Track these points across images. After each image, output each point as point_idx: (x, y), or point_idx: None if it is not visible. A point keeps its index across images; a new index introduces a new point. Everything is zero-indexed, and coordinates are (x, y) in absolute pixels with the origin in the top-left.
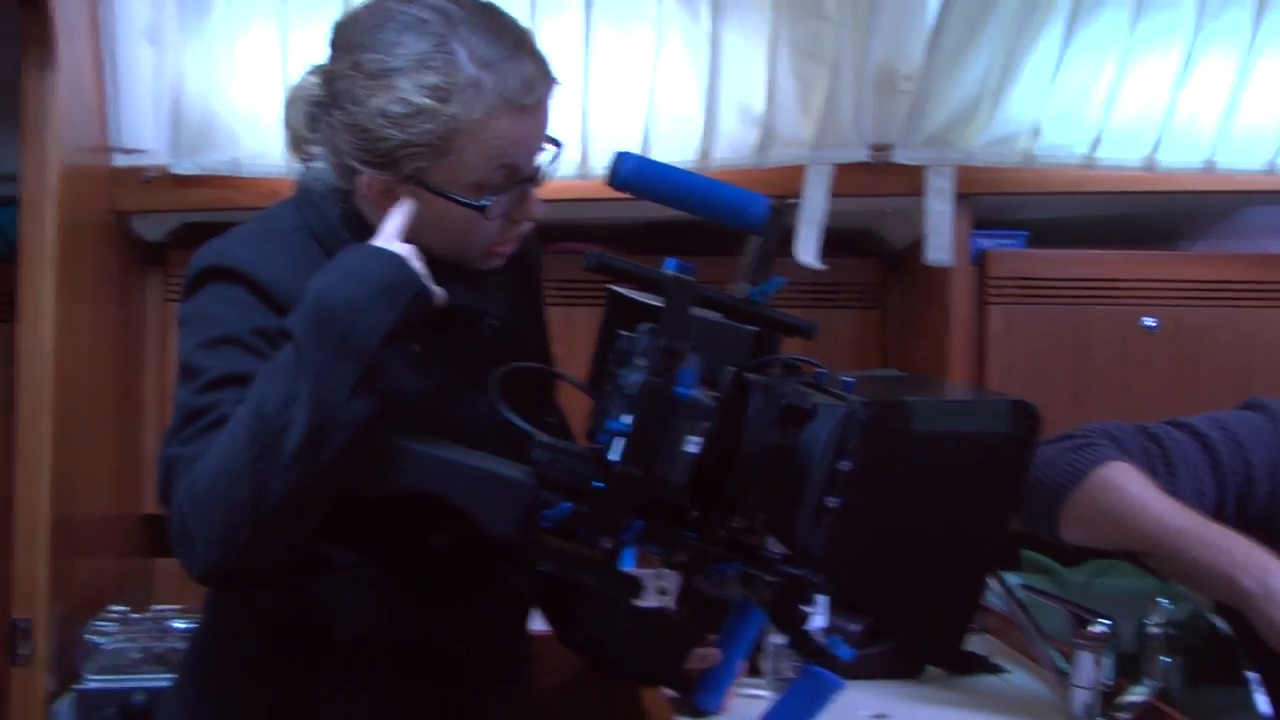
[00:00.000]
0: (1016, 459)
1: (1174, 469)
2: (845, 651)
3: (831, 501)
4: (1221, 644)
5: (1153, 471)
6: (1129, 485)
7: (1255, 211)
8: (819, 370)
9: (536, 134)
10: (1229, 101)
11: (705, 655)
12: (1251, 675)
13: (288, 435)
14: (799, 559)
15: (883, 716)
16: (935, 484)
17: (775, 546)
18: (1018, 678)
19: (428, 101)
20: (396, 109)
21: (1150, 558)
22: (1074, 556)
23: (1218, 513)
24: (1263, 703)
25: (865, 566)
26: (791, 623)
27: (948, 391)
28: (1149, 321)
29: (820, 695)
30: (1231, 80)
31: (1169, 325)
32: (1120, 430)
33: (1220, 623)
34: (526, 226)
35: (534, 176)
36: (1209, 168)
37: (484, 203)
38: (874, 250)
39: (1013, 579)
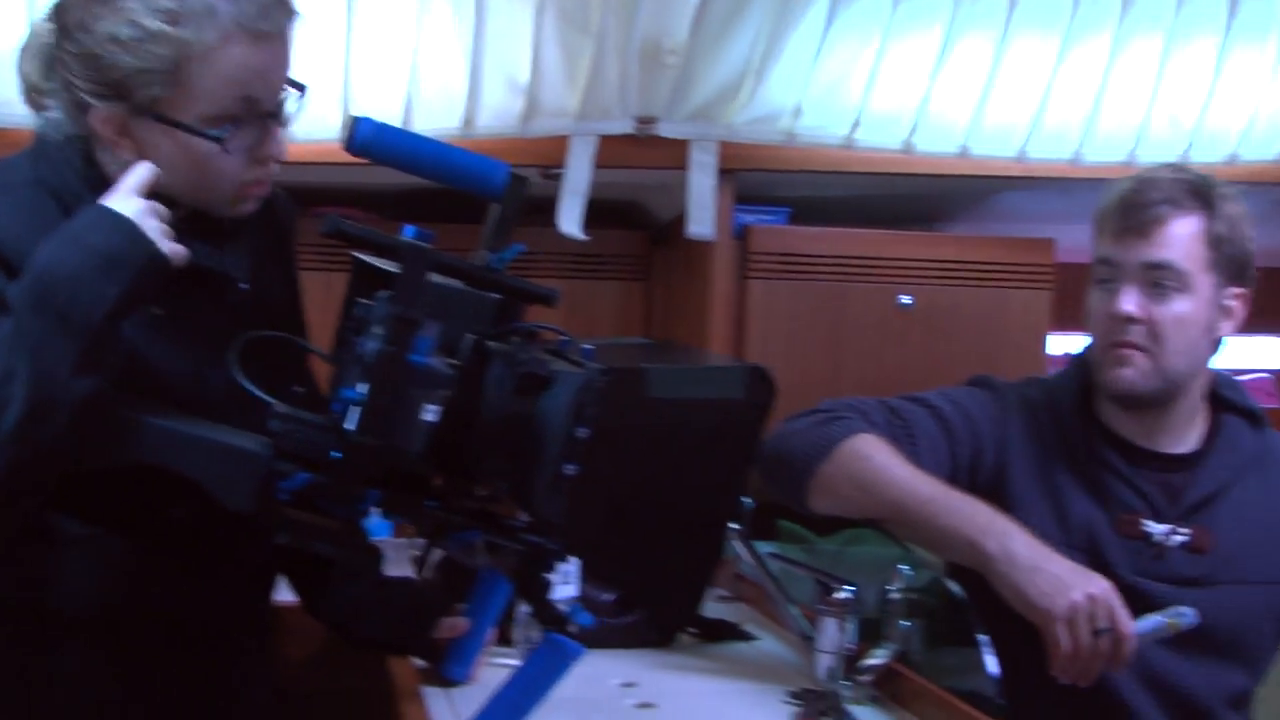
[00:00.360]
0: (752, 424)
1: (915, 440)
2: (585, 618)
3: (569, 469)
4: (956, 608)
5: (896, 442)
6: (876, 455)
7: (1007, 196)
8: (562, 338)
9: (276, 67)
10: (982, 90)
11: (453, 625)
12: (982, 638)
13: (5, 414)
14: (539, 527)
15: (632, 685)
16: (672, 449)
17: (524, 515)
18: (767, 644)
19: (159, 24)
20: (126, 32)
21: (895, 525)
22: (828, 526)
23: (952, 482)
24: (991, 663)
25: (604, 532)
26: (534, 591)
27: (687, 359)
28: (905, 299)
29: (560, 663)
30: (986, 69)
31: (923, 303)
32: (864, 405)
33: (955, 587)
34: (274, 168)
35: (276, 113)
36: (963, 153)
37: (220, 133)
38: (640, 223)
39: (765, 548)
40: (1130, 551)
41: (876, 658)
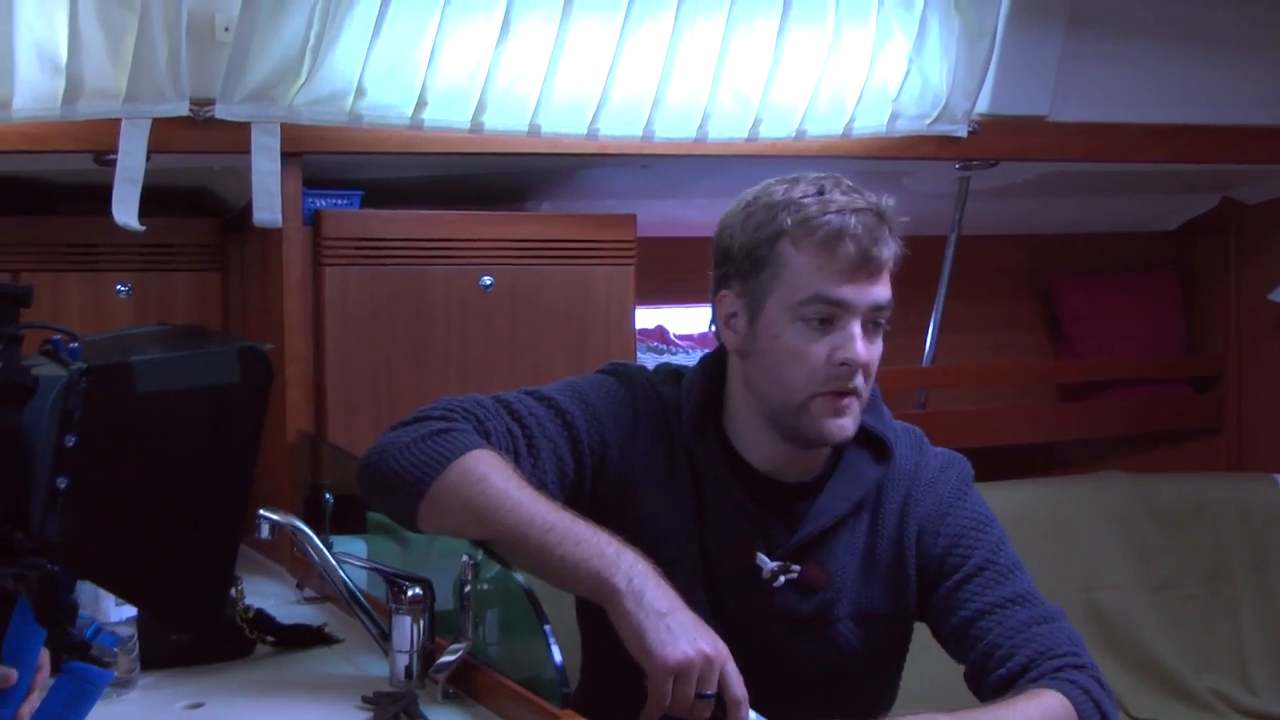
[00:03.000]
0: (252, 407)
1: (537, 450)
2: (108, 639)
3: (62, 482)
4: (523, 599)
5: (516, 455)
6: (493, 476)
7: (588, 174)
8: (55, 338)
9: None
10: (548, 67)
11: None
12: (547, 628)
13: None
14: (40, 548)
15: (199, 705)
16: (170, 445)
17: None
18: (353, 647)
19: None
20: None
21: (504, 548)
22: None
23: (576, 488)
24: (556, 652)
25: (111, 544)
26: (50, 617)
27: (181, 344)
28: (487, 280)
29: (85, 693)
30: (550, 46)
31: (507, 283)
32: (480, 407)
33: (520, 579)
34: None
35: None
36: (534, 131)
37: None
38: (212, 209)
39: (352, 544)
40: (741, 586)
41: (452, 653)
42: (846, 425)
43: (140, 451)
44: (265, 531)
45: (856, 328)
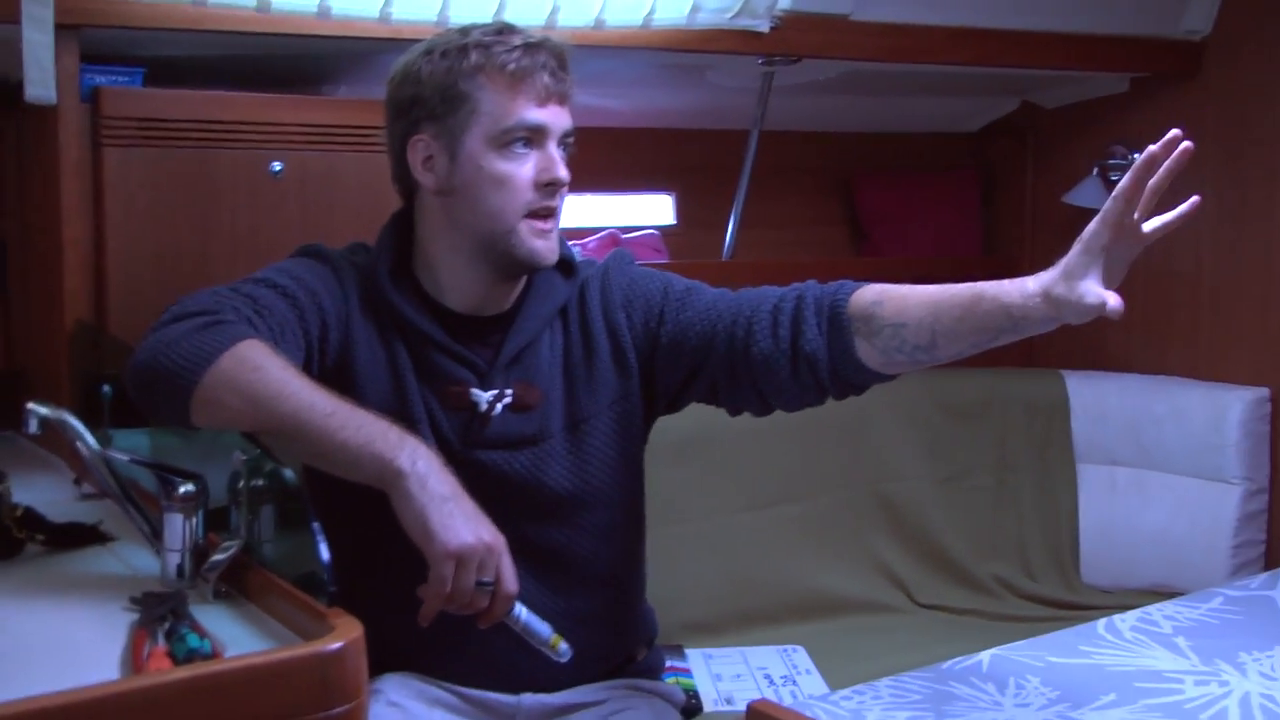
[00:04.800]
0: None
1: (282, 333)
2: None
3: None
4: (294, 495)
5: (274, 341)
6: (268, 364)
7: (384, 59)
8: None
9: None
10: None
11: None
12: (315, 525)
13: None
14: None
15: None
16: None
17: None
18: (128, 545)
19: None
20: None
21: (282, 437)
22: None
23: (307, 366)
24: (324, 550)
25: None
26: None
27: None
28: (276, 165)
29: None
30: None
31: (297, 168)
32: (219, 297)
33: (290, 474)
34: None
35: None
36: (324, 13)
37: None
38: None
39: (134, 438)
40: (462, 423)
41: (222, 552)
42: (554, 248)
43: None
44: (34, 426)
45: (555, 150)
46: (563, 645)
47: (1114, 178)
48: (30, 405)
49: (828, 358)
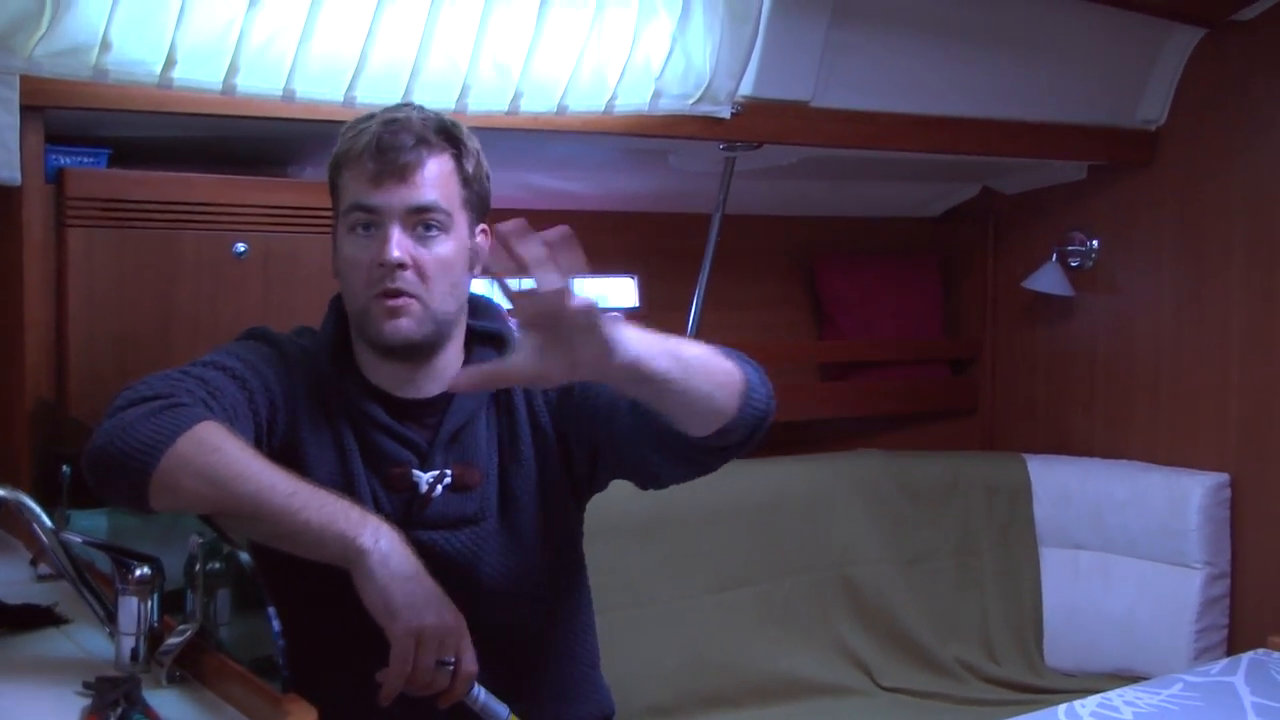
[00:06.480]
0: None
1: (235, 415)
2: None
3: None
4: (251, 579)
5: (230, 422)
6: (227, 445)
7: None
8: None
9: None
10: (303, 29)
11: None
12: (270, 610)
13: None
14: None
15: None
16: None
17: None
18: (83, 628)
19: None
20: None
21: (241, 519)
22: None
23: (256, 447)
24: (278, 635)
25: None
26: None
27: None
28: (240, 246)
29: None
30: (305, 7)
31: (261, 250)
32: (178, 381)
33: (245, 557)
34: None
35: None
36: (289, 96)
37: None
38: None
39: (91, 519)
40: (403, 504)
41: (177, 635)
42: (401, 325)
43: None
44: None
45: (394, 230)
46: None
47: (1073, 263)
48: None
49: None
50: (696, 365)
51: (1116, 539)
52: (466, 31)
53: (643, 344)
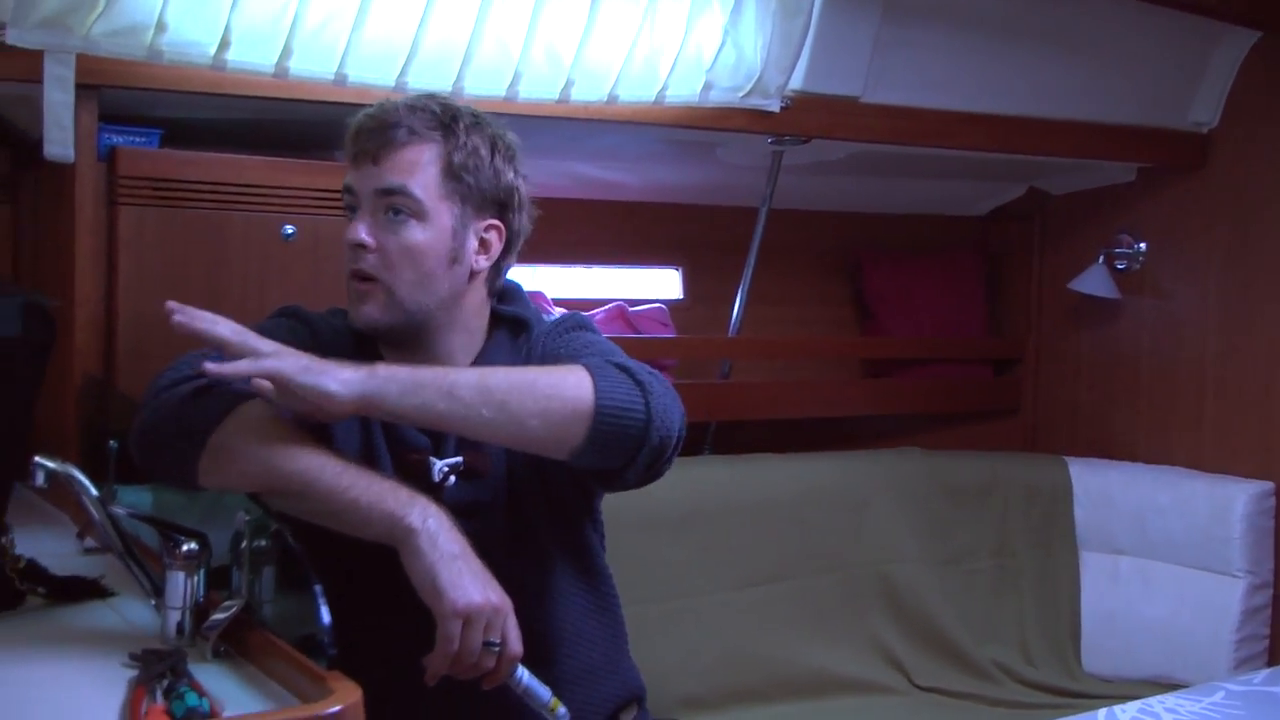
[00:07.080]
0: (31, 361)
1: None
2: None
3: None
4: (296, 557)
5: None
6: (274, 424)
7: None
8: None
9: None
10: (358, 13)
11: None
12: (317, 588)
13: None
14: None
15: None
16: None
17: None
18: (129, 601)
19: None
20: None
21: (289, 496)
22: None
23: None
24: (325, 613)
25: None
26: None
27: None
28: (288, 229)
29: None
30: None
31: (309, 233)
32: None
33: (290, 538)
34: None
35: None
36: (340, 80)
37: None
38: (7, 139)
39: (136, 494)
40: (429, 493)
41: (223, 612)
42: (364, 310)
43: None
44: (40, 479)
45: (363, 212)
46: (561, 709)
47: (1120, 266)
48: (37, 459)
49: None
50: (499, 394)
51: (1158, 545)
52: (520, 18)
53: (372, 384)
